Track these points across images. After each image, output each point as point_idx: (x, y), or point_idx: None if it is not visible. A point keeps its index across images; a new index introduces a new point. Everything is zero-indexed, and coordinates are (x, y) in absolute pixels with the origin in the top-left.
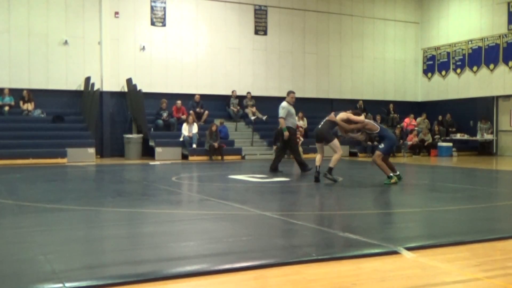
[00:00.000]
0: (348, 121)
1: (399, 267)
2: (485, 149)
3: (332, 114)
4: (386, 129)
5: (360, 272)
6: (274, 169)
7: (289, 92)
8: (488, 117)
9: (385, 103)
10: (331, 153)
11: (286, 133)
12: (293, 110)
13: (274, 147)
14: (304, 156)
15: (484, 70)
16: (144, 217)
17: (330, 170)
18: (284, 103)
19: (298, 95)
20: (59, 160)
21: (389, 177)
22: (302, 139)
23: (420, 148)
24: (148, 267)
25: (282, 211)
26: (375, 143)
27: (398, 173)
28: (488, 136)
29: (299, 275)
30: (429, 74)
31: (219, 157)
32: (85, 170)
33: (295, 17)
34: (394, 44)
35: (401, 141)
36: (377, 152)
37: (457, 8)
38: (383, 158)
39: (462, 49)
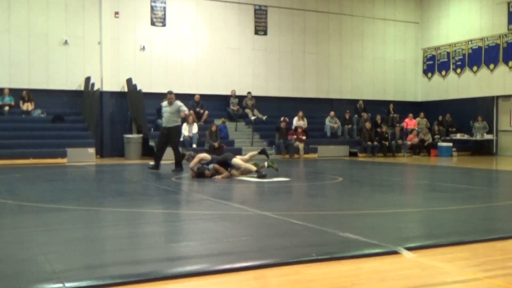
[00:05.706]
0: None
1: (399, 267)
2: (484, 149)
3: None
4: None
5: (360, 272)
6: (156, 167)
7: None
8: (484, 116)
9: (385, 103)
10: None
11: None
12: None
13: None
14: (304, 156)
15: (484, 70)
16: (144, 217)
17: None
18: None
19: (298, 95)
20: (59, 160)
21: (259, 171)
22: (304, 138)
23: (420, 148)
24: (148, 267)
25: (282, 211)
26: (375, 143)
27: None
28: (487, 136)
29: (299, 275)
30: (429, 74)
31: None
32: (85, 170)
33: (295, 17)
34: (394, 44)
35: (401, 141)
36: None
37: (457, 8)
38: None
39: (462, 49)
